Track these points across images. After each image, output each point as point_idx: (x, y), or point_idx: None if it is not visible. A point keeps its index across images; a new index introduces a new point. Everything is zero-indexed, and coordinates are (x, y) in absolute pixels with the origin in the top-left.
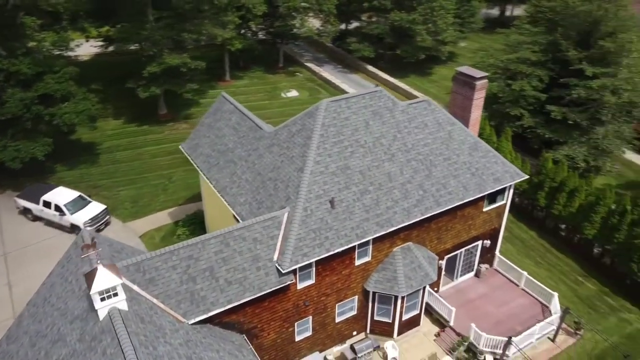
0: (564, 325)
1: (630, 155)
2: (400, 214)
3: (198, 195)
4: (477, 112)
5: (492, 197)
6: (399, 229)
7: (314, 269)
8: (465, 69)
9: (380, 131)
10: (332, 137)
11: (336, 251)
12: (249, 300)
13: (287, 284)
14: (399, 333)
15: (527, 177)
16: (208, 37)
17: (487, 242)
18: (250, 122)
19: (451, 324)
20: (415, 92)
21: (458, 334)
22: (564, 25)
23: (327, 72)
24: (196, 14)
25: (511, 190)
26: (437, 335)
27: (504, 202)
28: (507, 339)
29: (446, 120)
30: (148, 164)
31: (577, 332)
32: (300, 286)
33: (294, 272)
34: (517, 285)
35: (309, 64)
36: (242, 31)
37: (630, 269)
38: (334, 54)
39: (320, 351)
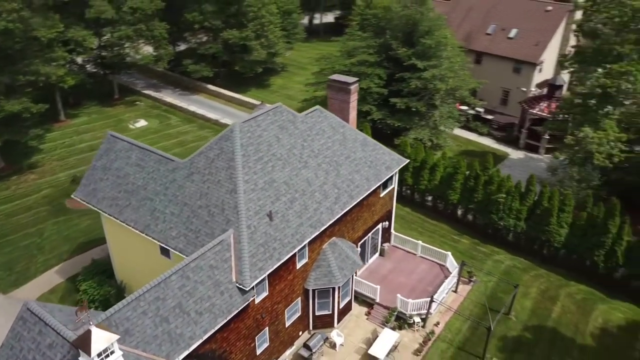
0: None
1: (455, 130)
2: (326, 213)
3: (83, 246)
4: (353, 112)
5: (385, 183)
6: (326, 227)
7: (266, 280)
8: (337, 77)
9: (290, 143)
10: (253, 155)
11: (284, 259)
12: (218, 327)
13: (249, 300)
14: (338, 321)
15: (408, 161)
16: (44, 76)
17: (386, 224)
18: (157, 155)
19: (377, 300)
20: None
21: (386, 308)
22: (390, 28)
23: (169, 97)
24: (24, 53)
25: (397, 175)
26: (368, 314)
27: (393, 186)
28: (429, 299)
29: (338, 124)
30: (7, 225)
31: (471, 279)
32: (257, 300)
33: (252, 287)
34: (415, 254)
35: (146, 92)
36: (69, 66)
37: (491, 219)
38: (168, 77)
39: (276, 358)
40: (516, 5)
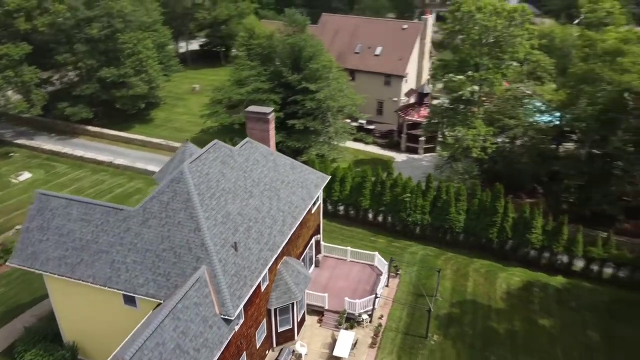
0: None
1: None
2: (279, 236)
3: (4, 315)
4: (273, 140)
5: (315, 200)
6: (281, 248)
7: (242, 308)
8: (253, 108)
9: (233, 176)
10: (206, 192)
11: (255, 285)
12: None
13: (235, 329)
14: (298, 333)
15: (330, 177)
16: None
17: (318, 236)
18: (102, 207)
19: (326, 307)
20: (154, 140)
21: (336, 312)
22: (278, 56)
23: (47, 144)
24: None
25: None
26: (320, 321)
27: (320, 201)
28: (374, 296)
29: (267, 152)
30: None
31: (397, 273)
32: (237, 328)
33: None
34: (346, 260)
35: (18, 141)
36: None
37: (400, 217)
38: (39, 123)
39: None
40: (376, 26)
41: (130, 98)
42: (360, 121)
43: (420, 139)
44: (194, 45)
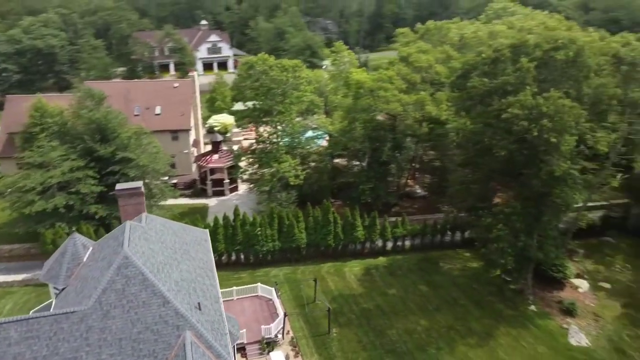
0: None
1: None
2: (214, 289)
3: None
4: (144, 212)
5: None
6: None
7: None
8: (120, 186)
9: (158, 249)
10: (154, 269)
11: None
12: None
13: None
14: None
15: (206, 230)
16: None
17: None
18: (47, 317)
19: (246, 341)
20: None
21: (256, 342)
22: (86, 132)
23: None
24: None
25: None
26: (244, 356)
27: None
28: (284, 315)
29: (162, 221)
30: None
31: (277, 293)
32: None
33: None
34: (233, 299)
35: None
36: None
37: (255, 250)
38: None
39: None
40: (148, 87)
41: None
42: (162, 178)
43: (224, 181)
44: None
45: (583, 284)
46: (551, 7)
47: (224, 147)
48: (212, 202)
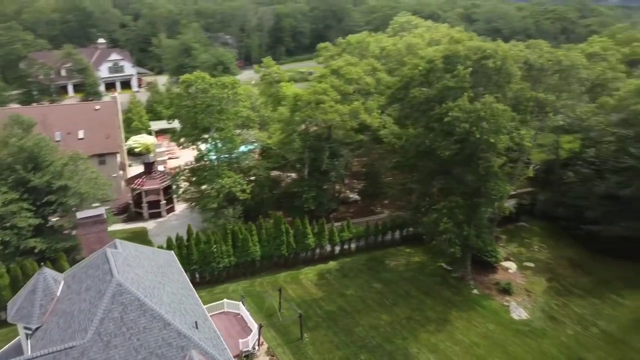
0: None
1: None
2: (200, 308)
3: None
4: (107, 239)
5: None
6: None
7: None
8: (82, 214)
9: (142, 273)
10: (146, 293)
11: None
12: None
13: None
14: None
15: (172, 251)
16: None
17: None
18: (46, 355)
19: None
20: None
21: (236, 356)
22: (17, 163)
23: None
24: None
25: None
26: None
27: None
28: (259, 326)
29: (132, 246)
30: None
31: (244, 304)
32: None
33: None
34: None
35: None
36: None
37: (211, 268)
38: None
39: None
40: (67, 111)
41: None
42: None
43: (161, 202)
44: None
45: (512, 266)
46: (440, 18)
47: (158, 167)
48: (150, 225)
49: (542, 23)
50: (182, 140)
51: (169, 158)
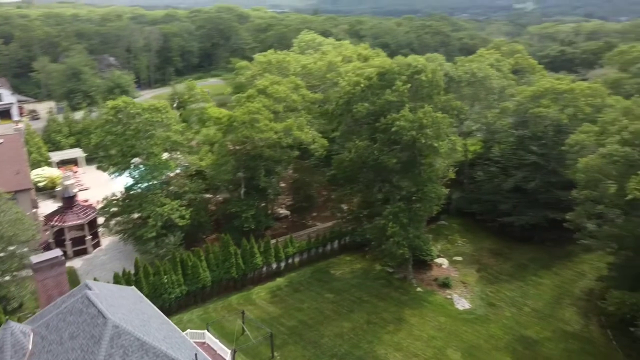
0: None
1: None
2: (186, 340)
3: None
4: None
5: None
6: None
7: None
8: (36, 258)
9: (128, 313)
10: (144, 333)
11: None
12: None
13: None
14: None
15: (133, 287)
16: None
17: None
18: None
19: None
20: None
21: None
22: None
23: None
24: None
25: None
26: None
27: None
28: (232, 351)
29: (101, 285)
30: None
31: (208, 330)
32: None
33: None
34: None
35: None
36: None
37: (163, 299)
38: None
39: None
40: None
41: None
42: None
43: (86, 238)
44: None
45: (444, 262)
46: (332, 35)
47: (79, 201)
48: (77, 263)
49: (423, 37)
50: (112, 169)
51: (79, 190)
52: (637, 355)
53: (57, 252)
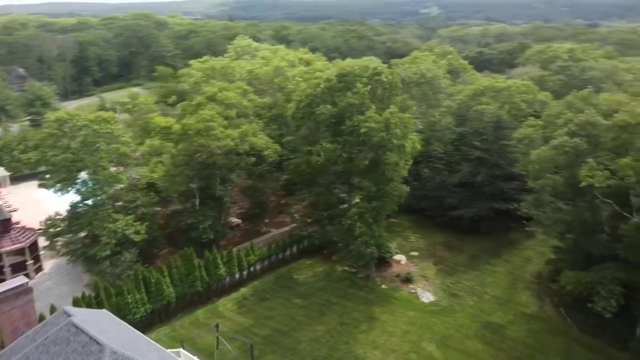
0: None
1: None
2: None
3: None
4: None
5: None
6: None
7: None
8: (4, 285)
9: (117, 336)
10: (141, 356)
11: None
12: None
13: None
14: None
15: (105, 310)
16: None
17: None
18: None
19: None
20: None
21: None
22: None
23: None
24: None
25: None
26: None
27: None
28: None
29: (86, 312)
30: None
31: (183, 347)
32: None
33: None
34: None
35: None
36: None
37: (128, 320)
38: None
39: None
40: None
41: None
42: None
43: (27, 263)
44: None
45: (402, 258)
46: (260, 39)
47: (15, 224)
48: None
49: (350, 41)
50: (57, 186)
51: (11, 211)
52: (591, 329)
53: (22, 279)
